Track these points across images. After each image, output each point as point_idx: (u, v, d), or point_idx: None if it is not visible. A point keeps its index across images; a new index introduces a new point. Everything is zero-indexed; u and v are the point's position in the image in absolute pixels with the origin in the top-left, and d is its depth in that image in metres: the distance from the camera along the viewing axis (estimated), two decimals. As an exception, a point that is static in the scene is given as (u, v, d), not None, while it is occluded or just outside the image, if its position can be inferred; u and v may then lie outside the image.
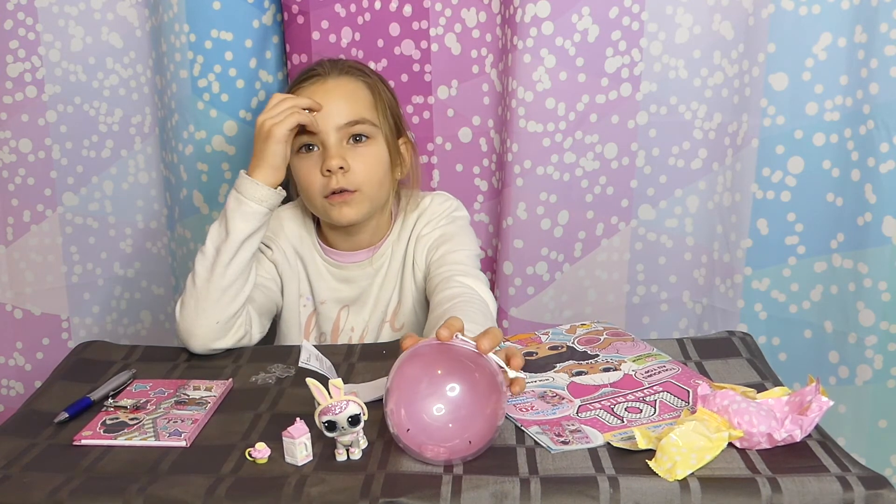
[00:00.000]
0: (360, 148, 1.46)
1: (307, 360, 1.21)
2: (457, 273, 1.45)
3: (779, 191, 1.63)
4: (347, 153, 1.45)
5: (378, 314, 1.56)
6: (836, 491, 0.99)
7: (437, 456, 1.06)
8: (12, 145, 1.78)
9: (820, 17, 1.54)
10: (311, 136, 1.45)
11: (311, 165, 1.45)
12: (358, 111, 1.46)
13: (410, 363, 1.10)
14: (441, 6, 1.69)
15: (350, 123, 1.45)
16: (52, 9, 1.74)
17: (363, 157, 1.46)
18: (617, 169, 1.70)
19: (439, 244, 1.51)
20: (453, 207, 1.56)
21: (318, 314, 1.57)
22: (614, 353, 1.35)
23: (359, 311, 1.56)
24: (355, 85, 1.48)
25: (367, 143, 1.47)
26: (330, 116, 1.44)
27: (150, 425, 1.19)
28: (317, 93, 1.45)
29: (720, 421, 1.08)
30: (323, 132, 1.44)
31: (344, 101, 1.46)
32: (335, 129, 1.44)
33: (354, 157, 1.45)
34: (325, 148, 1.44)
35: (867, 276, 1.58)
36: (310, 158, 1.46)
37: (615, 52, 1.63)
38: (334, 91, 1.46)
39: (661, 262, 1.75)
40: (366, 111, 1.47)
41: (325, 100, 1.44)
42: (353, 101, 1.46)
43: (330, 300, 1.56)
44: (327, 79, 1.47)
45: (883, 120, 1.53)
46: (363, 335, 1.57)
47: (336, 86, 1.47)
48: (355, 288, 1.55)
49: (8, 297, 1.84)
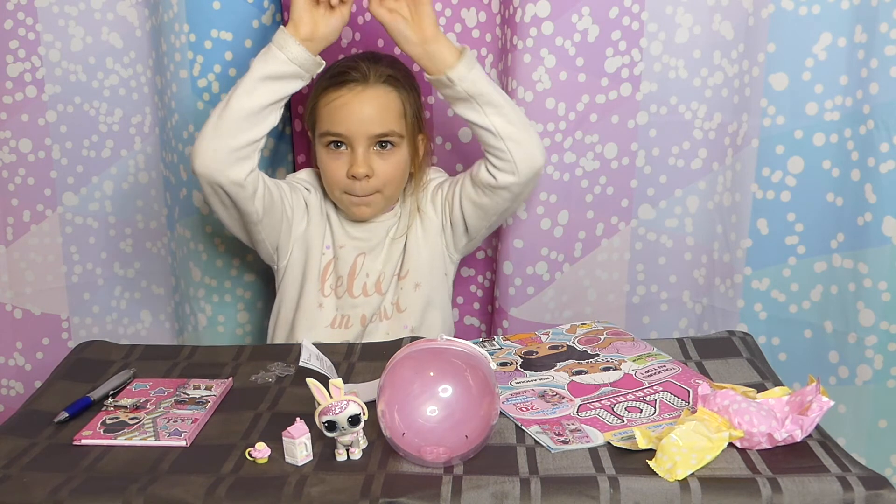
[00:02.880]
0: (386, 153, 1.56)
1: (307, 360, 1.22)
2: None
3: (779, 191, 1.63)
4: (373, 158, 1.55)
5: (391, 266, 1.63)
6: (837, 491, 1.00)
7: (436, 458, 1.06)
8: (12, 145, 1.78)
9: (820, 17, 1.54)
10: (342, 137, 1.54)
11: (339, 165, 1.55)
12: (389, 123, 1.55)
13: (402, 365, 1.11)
14: (441, 6, 1.69)
15: (380, 134, 1.54)
16: (52, 9, 1.74)
17: (387, 162, 1.56)
18: (617, 169, 1.70)
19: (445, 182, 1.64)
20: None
21: (336, 259, 1.63)
22: (614, 352, 1.35)
23: (374, 258, 1.63)
24: (389, 96, 1.56)
25: (392, 150, 1.57)
26: (363, 125, 1.53)
27: (150, 425, 1.19)
28: (353, 100, 1.53)
29: (720, 421, 1.08)
30: (353, 138, 1.54)
31: (377, 112, 1.54)
32: (366, 137, 1.54)
33: (380, 162, 1.55)
34: (352, 152, 1.54)
35: (867, 276, 1.58)
36: (337, 157, 1.55)
37: (615, 52, 1.63)
38: (370, 102, 1.54)
39: (661, 262, 1.75)
40: (395, 123, 1.56)
41: (361, 108, 1.53)
42: (385, 112, 1.55)
43: (349, 245, 1.63)
44: (366, 87, 1.54)
45: (883, 120, 1.53)
46: (378, 281, 1.62)
47: (373, 96, 1.54)
48: (368, 238, 1.63)
49: (8, 297, 1.84)
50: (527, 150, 1.50)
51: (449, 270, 1.67)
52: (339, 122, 1.54)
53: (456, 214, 1.61)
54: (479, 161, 1.55)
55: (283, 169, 1.81)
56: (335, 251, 1.63)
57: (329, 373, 1.24)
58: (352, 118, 1.53)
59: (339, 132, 1.54)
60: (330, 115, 1.54)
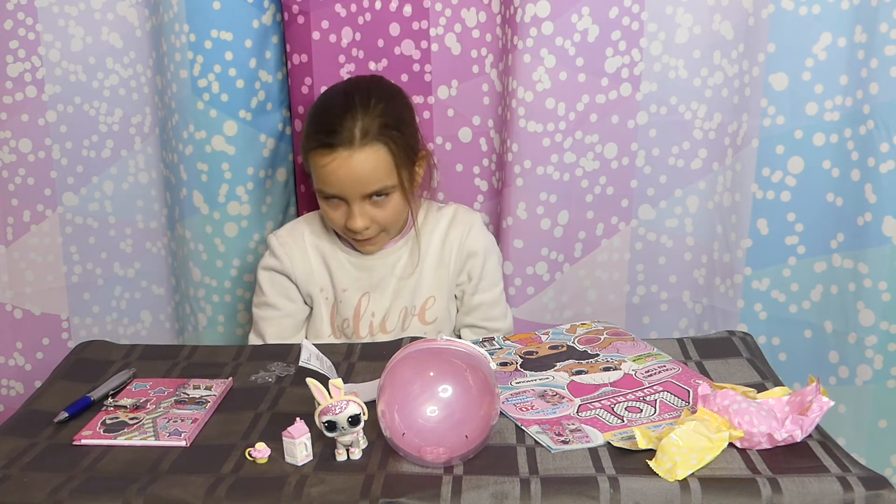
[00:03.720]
0: (381, 202, 1.56)
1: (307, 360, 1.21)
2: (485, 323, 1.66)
3: (779, 191, 1.63)
4: (368, 210, 1.55)
5: (399, 303, 1.63)
6: (837, 491, 1.00)
7: (437, 458, 1.06)
8: (12, 145, 1.78)
9: (820, 17, 1.54)
10: (337, 197, 1.55)
11: (338, 215, 1.57)
12: (380, 180, 1.54)
13: (402, 365, 1.11)
14: (441, 6, 1.69)
15: (373, 192, 1.54)
16: (52, 9, 1.74)
17: (384, 210, 1.57)
18: (617, 169, 1.70)
19: (477, 275, 1.64)
20: (490, 236, 1.68)
21: (339, 302, 1.63)
22: (614, 352, 1.35)
23: (379, 297, 1.63)
24: (378, 154, 1.53)
25: (388, 198, 1.56)
26: (355, 187, 1.53)
27: (149, 425, 1.19)
28: (341, 166, 1.51)
29: (720, 421, 1.08)
30: (349, 197, 1.54)
31: (368, 172, 1.53)
32: (360, 195, 1.54)
33: (376, 212, 1.56)
34: (349, 207, 1.55)
35: (867, 276, 1.58)
36: (336, 208, 1.57)
37: (615, 52, 1.63)
38: (360, 166, 1.52)
39: (661, 262, 1.75)
40: (387, 177, 1.54)
41: (350, 172, 1.52)
42: (375, 172, 1.53)
43: (352, 288, 1.63)
44: (352, 152, 1.51)
45: (883, 120, 1.53)
46: (384, 320, 1.63)
47: (362, 161, 1.52)
48: (374, 276, 1.63)
49: (8, 297, 1.84)
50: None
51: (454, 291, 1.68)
52: (331, 184, 1.53)
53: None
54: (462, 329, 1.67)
55: (283, 169, 1.81)
56: (337, 294, 1.63)
57: (329, 373, 1.24)
58: (343, 181, 1.52)
59: (333, 193, 1.54)
60: (322, 177, 1.54)
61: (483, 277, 1.64)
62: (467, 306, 1.65)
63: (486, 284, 1.65)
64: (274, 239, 1.65)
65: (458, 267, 1.63)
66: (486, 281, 1.65)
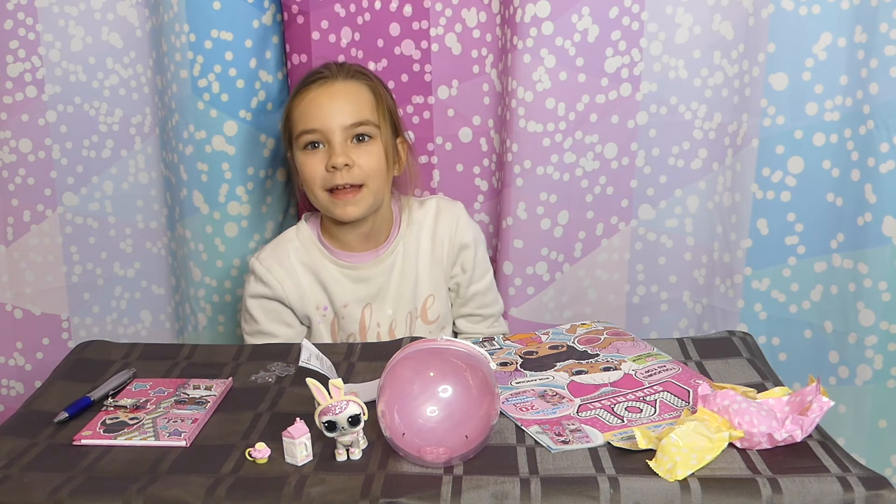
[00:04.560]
0: (364, 146, 1.54)
1: (307, 360, 1.21)
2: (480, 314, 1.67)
3: (779, 191, 1.63)
4: (351, 151, 1.53)
5: (403, 308, 1.62)
6: (837, 491, 1.00)
7: (437, 458, 1.06)
8: (12, 145, 1.78)
9: (820, 17, 1.54)
10: (316, 135, 1.53)
11: (317, 162, 1.54)
12: (362, 112, 1.54)
13: (402, 365, 1.10)
14: (441, 6, 1.69)
15: (355, 124, 1.53)
16: (52, 9, 1.74)
17: (367, 154, 1.54)
18: (617, 169, 1.70)
19: (471, 266, 1.64)
20: (475, 225, 1.67)
21: (340, 318, 1.61)
22: (615, 352, 1.35)
23: (381, 307, 1.61)
24: (360, 88, 1.57)
25: (370, 143, 1.55)
26: (336, 117, 1.53)
27: (149, 425, 1.19)
28: (323, 94, 1.54)
29: (721, 421, 1.08)
30: (329, 131, 1.53)
31: (349, 103, 1.54)
32: (341, 128, 1.53)
33: (359, 154, 1.53)
34: (330, 146, 1.53)
35: (867, 276, 1.58)
36: (315, 155, 1.54)
37: (615, 52, 1.63)
38: (341, 94, 1.54)
39: (661, 262, 1.75)
40: (369, 113, 1.55)
41: (332, 101, 1.54)
42: (357, 104, 1.54)
43: (352, 302, 1.60)
44: (335, 81, 1.56)
45: (883, 120, 1.53)
46: (391, 329, 1.62)
47: (343, 88, 1.55)
48: (373, 286, 1.61)
49: (8, 297, 1.84)
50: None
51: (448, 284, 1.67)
52: (312, 118, 1.53)
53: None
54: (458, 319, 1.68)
55: (283, 169, 1.81)
56: (338, 310, 1.60)
57: (329, 373, 1.24)
58: (324, 111, 1.52)
59: (314, 127, 1.53)
60: (303, 114, 1.54)
61: (476, 267, 1.64)
62: (463, 297, 1.66)
63: (480, 273, 1.66)
64: (258, 264, 1.58)
65: (452, 261, 1.63)
66: (479, 270, 1.66)
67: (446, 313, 1.65)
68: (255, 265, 1.58)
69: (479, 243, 1.66)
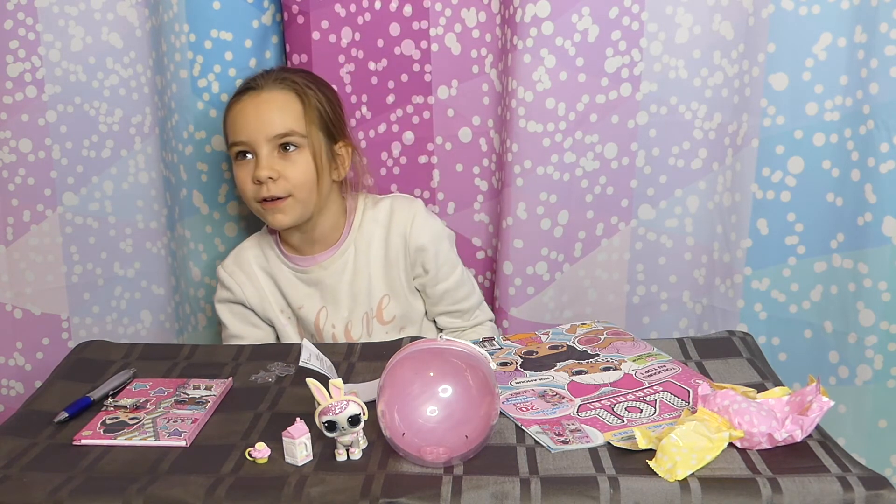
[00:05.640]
0: (290, 156, 1.53)
1: (307, 360, 1.21)
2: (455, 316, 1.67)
3: (779, 191, 1.63)
4: (277, 162, 1.52)
5: (359, 309, 1.62)
6: (837, 491, 1.00)
7: (437, 458, 1.06)
8: (12, 145, 1.78)
9: (820, 17, 1.54)
10: (243, 146, 1.54)
11: (246, 173, 1.54)
12: (287, 123, 1.53)
13: (402, 365, 1.11)
14: (441, 6, 1.69)
15: (279, 136, 1.52)
16: (52, 9, 1.74)
17: (293, 164, 1.53)
18: (617, 169, 1.70)
19: (434, 266, 1.61)
20: (435, 223, 1.63)
21: (300, 319, 1.63)
22: (615, 352, 1.35)
23: (336, 309, 1.62)
24: (286, 97, 1.55)
25: (296, 152, 1.54)
26: (261, 128, 1.52)
27: (149, 425, 1.19)
28: (248, 105, 1.54)
29: (721, 421, 1.08)
30: (254, 143, 1.53)
31: (274, 113, 1.53)
32: (266, 139, 1.52)
33: (284, 165, 1.52)
34: (256, 157, 1.53)
35: (867, 276, 1.58)
36: (245, 166, 1.55)
37: (615, 52, 1.63)
38: (266, 104, 1.54)
39: (661, 262, 1.75)
40: (294, 123, 1.53)
41: (257, 112, 1.53)
42: (282, 114, 1.53)
43: (307, 304, 1.62)
44: (261, 91, 1.55)
45: (883, 120, 1.52)
46: (347, 330, 1.62)
47: (268, 98, 1.54)
48: (325, 288, 1.61)
49: (8, 297, 1.84)
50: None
51: (412, 285, 1.65)
52: (238, 129, 1.53)
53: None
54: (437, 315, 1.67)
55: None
56: (294, 312, 1.63)
57: (329, 373, 1.24)
58: (249, 122, 1.52)
59: (240, 139, 1.53)
60: (232, 124, 1.55)
61: (440, 267, 1.61)
62: (433, 298, 1.64)
63: (446, 272, 1.62)
64: (222, 270, 1.64)
65: (409, 262, 1.61)
66: (445, 269, 1.62)
67: (408, 313, 1.63)
68: (219, 271, 1.65)
69: (439, 241, 1.61)
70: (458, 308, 1.66)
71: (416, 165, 1.79)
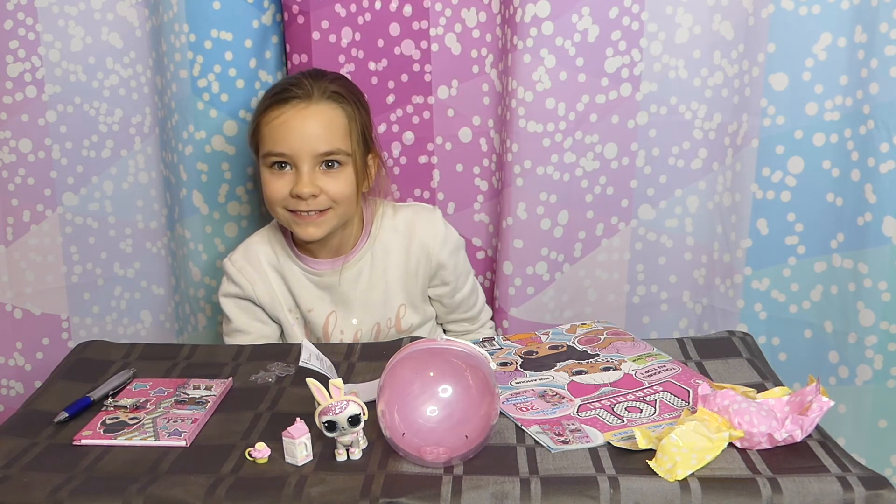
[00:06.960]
0: (332, 172, 1.49)
1: (307, 360, 1.21)
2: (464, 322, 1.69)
3: (779, 191, 1.63)
4: (319, 178, 1.48)
5: (371, 318, 1.59)
6: (837, 491, 1.00)
7: (437, 458, 1.06)
8: (12, 145, 1.78)
9: (820, 17, 1.54)
10: (284, 158, 1.48)
11: (282, 184, 1.49)
12: (334, 142, 1.48)
13: (402, 365, 1.10)
14: (441, 6, 1.69)
15: (326, 153, 1.48)
16: (52, 9, 1.74)
17: (334, 180, 1.49)
18: (617, 169, 1.70)
19: (453, 280, 1.61)
20: (453, 235, 1.61)
21: (309, 322, 1.60)
22: (614, 352, 1.35)
23: (346, 315, 1.59)
24: (334, 113, 1.49)
25: (339, 169, 1.50)
26: (307, 144, 1.47)
27: (149, 425, 1.19)
28: (295, 117, 1.47)
29: (721, 421, 1.08)
30: (298, 158, 1.47)
31: (322, 129, 1.48)
32: (310, 156, 1.47)
33: (326, 181, 1.48)
34: (297, 171, 1.48)
35: (867, 276, 1.58)
36: (281, 177, 1.49)
37: (615, 52, 1.63)
38: (314, 119, 1.48)
39: (661, 262, 1.75)
40: (341, 141, 1.49)
41: (304, 127, 1.47)
42: (330, 131, 1.48)
43: (316, 308, 1.59)
44: (309, 103, 1.48)
45: (883, 120, 1.53)
46: (356, 338, 1.59)
47: (316, 113, 1.48)
48: (337, 294, 1.58)
49: (8, 297, 1.84)
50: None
51: (426, 294, 1.64)
52: (281, 141, 1.47)
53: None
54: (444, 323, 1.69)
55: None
56: (303, 314, 1.59)
57: (329, 373, 1.24)
58: (295, 136, 1.46)
59: (283, 151, 1.47)
60: (272, 134, 1.48)
61: (458, 278, 1.62)
62: (450, 307, 1.65)
63: (462, 281, 1.64)
64: (230, 265, 1.58)
65: (429, 275, 1.59)
66: (462, 279, 1.64)
67: (422, 320, 1.62)
68: (227, 266, 1.59)
69: (458, 254, 1.61)
70: (470, 315, 1.67)
71: (417, 165, 1.79)
